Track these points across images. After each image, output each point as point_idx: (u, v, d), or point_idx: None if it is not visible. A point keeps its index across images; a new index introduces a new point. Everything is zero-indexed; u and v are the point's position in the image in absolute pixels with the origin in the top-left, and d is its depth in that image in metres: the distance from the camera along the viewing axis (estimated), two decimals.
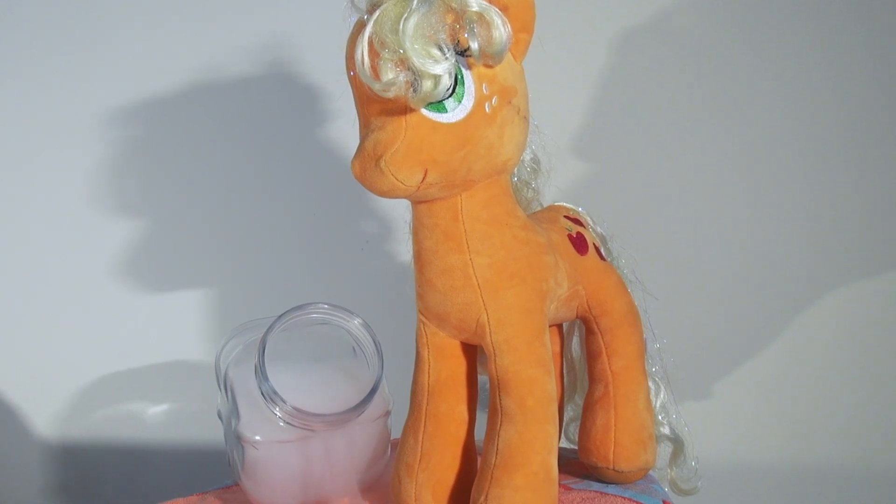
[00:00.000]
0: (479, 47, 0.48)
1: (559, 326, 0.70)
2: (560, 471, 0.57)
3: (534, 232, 0.57)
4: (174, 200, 0.96)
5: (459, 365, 0.59)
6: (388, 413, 0.66)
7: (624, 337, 0.65)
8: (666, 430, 0.69)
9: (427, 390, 0.59)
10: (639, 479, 0.65)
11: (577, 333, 0.73)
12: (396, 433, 0.63)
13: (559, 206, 0.69)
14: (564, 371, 0.73)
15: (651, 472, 0.68)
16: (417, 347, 0.60)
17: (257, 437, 0.59)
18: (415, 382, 0.60)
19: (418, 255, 0.56)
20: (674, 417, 0.70)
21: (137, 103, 0.94)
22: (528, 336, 0.55)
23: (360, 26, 0.49)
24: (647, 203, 0.96)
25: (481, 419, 0.59)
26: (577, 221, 0.66)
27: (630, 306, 0.66)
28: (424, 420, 0.58)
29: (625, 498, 0.61)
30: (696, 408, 0.94)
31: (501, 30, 0.48)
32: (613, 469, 0.63)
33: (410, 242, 0.57)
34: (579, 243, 0.63)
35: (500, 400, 0.55)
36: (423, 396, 0.59)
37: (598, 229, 0.69)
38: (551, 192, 0.72)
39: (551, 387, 0.56)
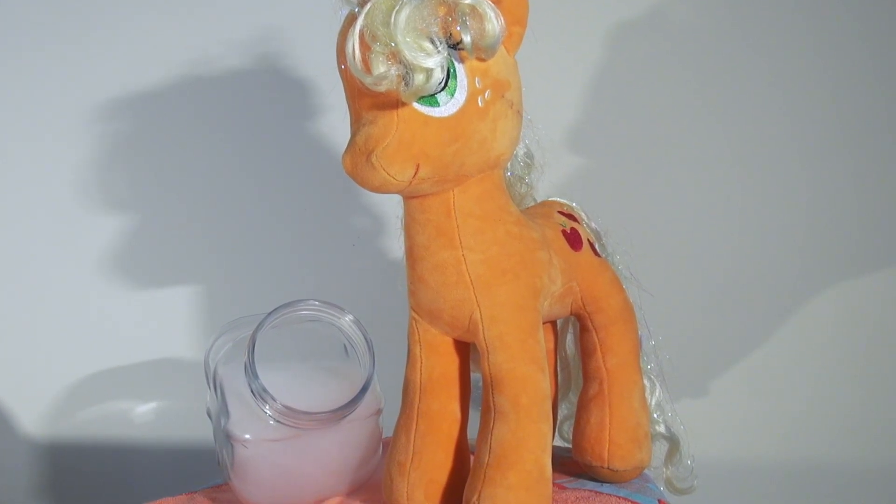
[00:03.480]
0: (472, 40, 0.48)
1: (553, 323, 0.70)
2: (554, 469, 0.57)
3: (527, 227, 0.57)
4: (162, 196, 0.95)
5: (452, 362, 0.59)
6: (379, 411, 0.65)
7: (619, 334, 0.65)
8: (661, 429, 0.69)
9: (419, 388, 0.58)
10: (634, 477, 0.65)
11: (571, 330, 0.72)
12: (388, 431, 0.63)
13: (553, 202, 0.68)
14: (558, 368, 0.72)
15: (646, 470, 0.68)
16: (409, 345, 0.59)
17: (247, 436, 0.59)
18: (406, 380, 0.59)
19: (410, 251, 0.56)
20: (669, 415, 0.70)
21: (125, 98, 0.93)
22: (521, 333, 0.55)
23: (351, 19, 0.48)
24: (643, 199, 0.96)
25: (474, 417, 0.59)
26: (571, 217, 0.66)
27: (625, 303, 0.65)
28: (416, 418, 0.58)
29: (620, 497, 0.61)
30: (692, 406, 0.93)
31: (494, 23, 0.48)
32: (608, 468, 0.63)
33: (402, 238, 0.57)
34: (573, 239, 0.63)
35: (494, 398, 0.55)
36: (415, 394, 0.58)
37: (593, 225, 0.69)
38: (545, 188, 0.72)
39: (545, 384, 0.55)
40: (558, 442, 0.71)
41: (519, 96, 0.54)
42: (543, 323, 0.59)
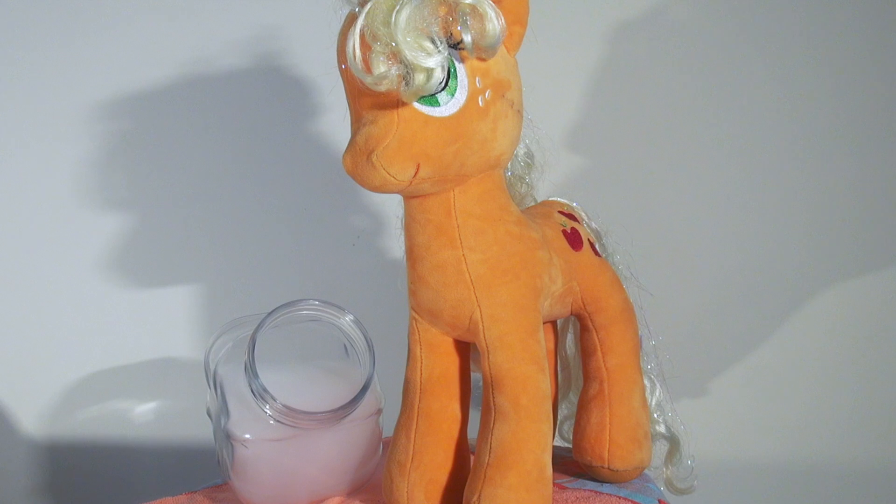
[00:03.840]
0: (472, 40, 0.48)
1: (553, 323, 0.69)
2: (554, 469, 0.57)
3: (528, 227, 0.57)
4: (162, 196, 0.95)
5: (452, 362, 0.59)
6: (379, 411, 0.65)
7: (619, 334, 0.64)
8: (661, 429, 0.69)
9: (419, 388, 0.58)
10: (634, 477, 0.64)
11: (571, 330, 0.72)
12: (388, 432, 0.63)
13: (553, 202, 0.68)
14: (559, 368, 0.72)
15: (646, 471, 0.67)
16: (409, 344, 0.59)
17: (247, 436, 0.59)
18: (407, 380, 0.59)
19: (410, 251, 0.55)
20: (669, 415, 0.69)
21: (124, 97, 0.93)
22: (521, 333, 0.55)
23: (351, 19, 0.48)
24: (643, 198, 0.96)
25: (475, 417, 0.58)
26: (571, 217, 0.66)
27: (625, 303, 0.65)
28: (416, 418, 0.58)
29: (620, 497, 0.61)
30: (692, 406, 0.93)
31: (495, 22, 0.48)
32: (608, 468, 0.63)
33: (402, 238, 0.57)
34: (574, 239, 0.63)
35: (494, 398, 0.55)
36: (415, 394, 0.58)
37: (593, 224, 0.69)
38: (545, 187, 0.71)
39: (545, 385, 0.55)
40: (558, 442, 0.71)
41: (519, 96, 0.54)
42: (544, 323, 0.59)
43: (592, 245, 0.65)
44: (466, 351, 0.59)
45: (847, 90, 0.91)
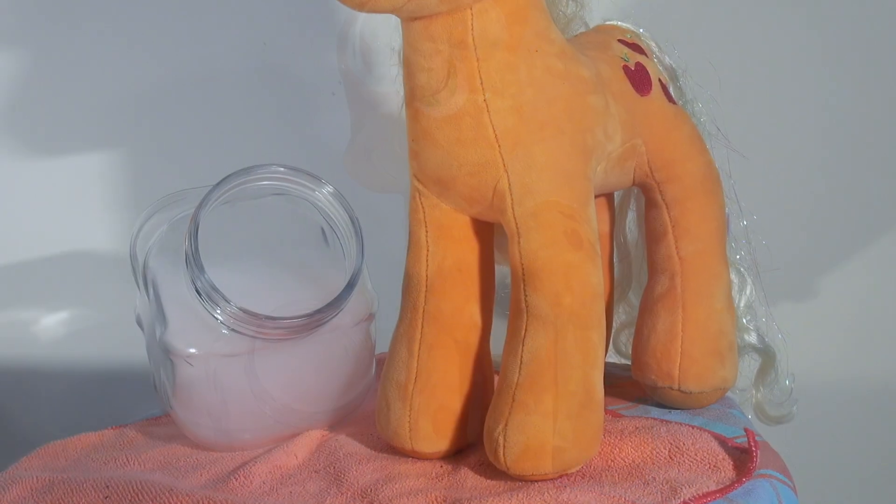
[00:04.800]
0: None
1: (609, 197, 0.61)
2: (606, 392, 0.48)
3: (576, 62, 0.48)
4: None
5: (469, 250, 0.50)
6: (371, 317, 0.56)
7: (698, 211, 0.56)
8: (752, 338, 0.61)
9: (425, 285, 0.49)
10: (713, 401, 0.57)
11: (633, 207, 0.64)
12: (383, 346, 0.55)
13: (613, 27, 0.58)
14: (615, 258, 0.65)
15: (730, 393, 0.60)
16: (411, 227, 0.50)
17: (192, 350, 0.49)
18: (408, 274, 0.50)
19: (411, 97, 0.46)
20: (763, 321, 0.60)
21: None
22: (565, 209, 0.46)
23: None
24: (730, 24, 0.92)
25: (499, 326, 0.51)
26: (637, 48, 0.56)
27: (708, 168, 0.58)
28: (422, 324, 0.49)
29: (692, 427, 0.51)
30: (794, 309, 0.86)
31: None
32: (679, 389, 0.55)
33: (401, 81, 0.48)
34: (639, 79, 0.53)
35: (527, 297, 0.46)
36: (419, 292, 0.49)
37: (667, 60, 0.59)
38: (602, 7, 0.62)
39: (597, 279, 0.46)
40: (612, 357, 0.65)
41: None
42: (596, 196, 0.50)
43: (665, 88, 0.56)
44: (489, 235, 0.51)
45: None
